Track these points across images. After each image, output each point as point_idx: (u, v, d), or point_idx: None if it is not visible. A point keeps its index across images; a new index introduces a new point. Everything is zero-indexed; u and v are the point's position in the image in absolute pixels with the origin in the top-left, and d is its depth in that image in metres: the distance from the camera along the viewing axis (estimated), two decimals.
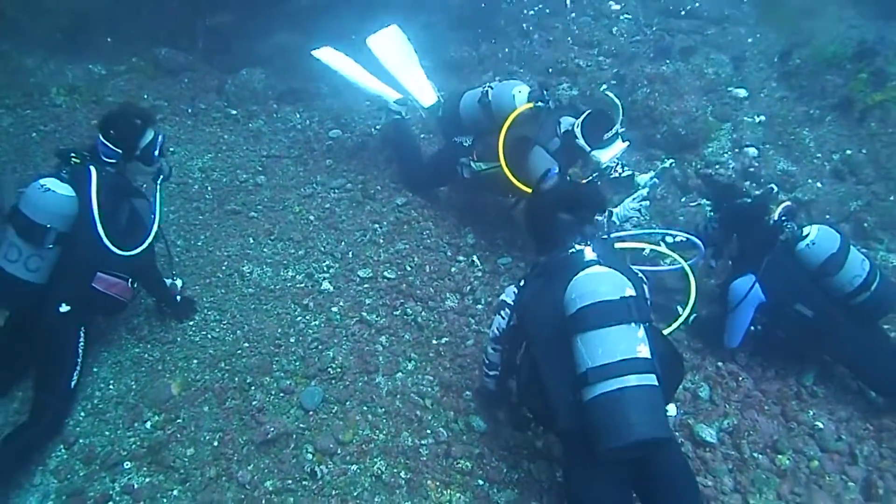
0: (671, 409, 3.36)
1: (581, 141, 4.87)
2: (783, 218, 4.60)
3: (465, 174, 5.56)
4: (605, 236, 4.00)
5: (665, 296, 4.97)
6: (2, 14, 7.05)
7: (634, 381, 2.95)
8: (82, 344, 4.18)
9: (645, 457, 3.14)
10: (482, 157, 5.42)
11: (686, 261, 4.21)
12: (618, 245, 4.07)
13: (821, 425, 4.40)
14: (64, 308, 4.07)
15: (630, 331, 3.07)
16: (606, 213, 4.80)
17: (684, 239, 4.99)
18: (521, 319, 3.58)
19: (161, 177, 4.60)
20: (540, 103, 5.03)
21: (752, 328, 4.67)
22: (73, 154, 4.21)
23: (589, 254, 3.41)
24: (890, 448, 4.30)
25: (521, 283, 3.70)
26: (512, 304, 3.66)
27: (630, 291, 3.16)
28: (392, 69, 6.22)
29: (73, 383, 4.12)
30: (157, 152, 4.50)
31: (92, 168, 4.11)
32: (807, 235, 4.49)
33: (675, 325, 3.89)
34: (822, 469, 4.17)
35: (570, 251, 3.45)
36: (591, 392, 2.99)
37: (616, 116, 4.92)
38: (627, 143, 4.99)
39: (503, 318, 3.69)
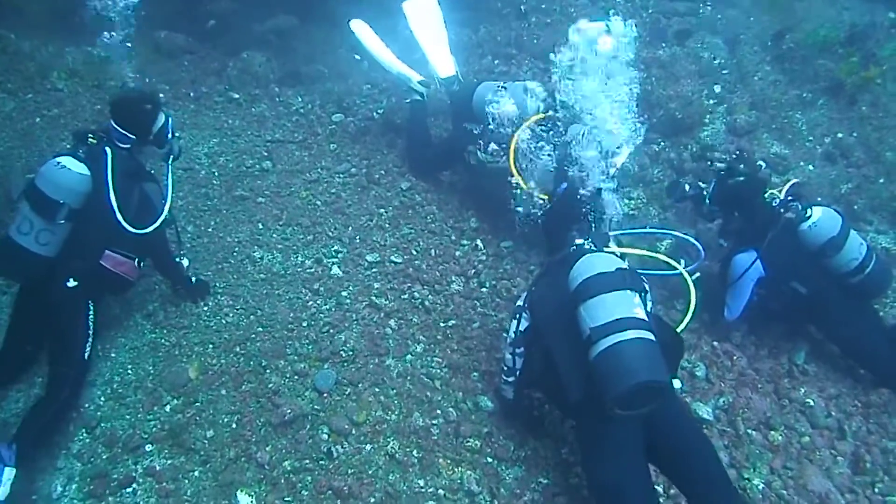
0: (675, 382, 3.56)
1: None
2: (789, 197, 4.75)
3: (471, 161, 5.68)
4: (606, 232, 4.20)
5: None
6: None
7: (632, 335, 3.25)
8: (92, 316, 4.29)
9: (653, 420, 3.41)
10: (489, 150, 5.53)
11: (686, 266, 4.33)
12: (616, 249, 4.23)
13: (811, 402, 4.59)
14: (72, 283, 4.19)
15: (626, 296, 3.40)
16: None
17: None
18: (533, 315, 3.84)
19: (172, 157, 4.72)
20: (551, 112, 5.16)
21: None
22: (90, 135, 4.31)
23: (587, 245, 3.81)
24: (877, 423, 4.51)
25: (532, 287, 3.97)
26: (523, 304, 3.90)
27: (623, 265, 3.54)
28: (419, 35, 6.36)
29: (86, 354, 4.23)
30: (169, 135, 4.64)
31: (108, 149, 4.23)
32: (809, 216, 4.64)
33: (682, 326, 4.03)
34: (812, 444, 4.37)
35: (572, 248, 3.83)
36: (595, 350, 3.30)
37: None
38: (629, 150, 5.10)
39: (517, 321, 3.90)
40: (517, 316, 3.90)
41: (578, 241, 3.84)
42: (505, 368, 4.05)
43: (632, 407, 3.26)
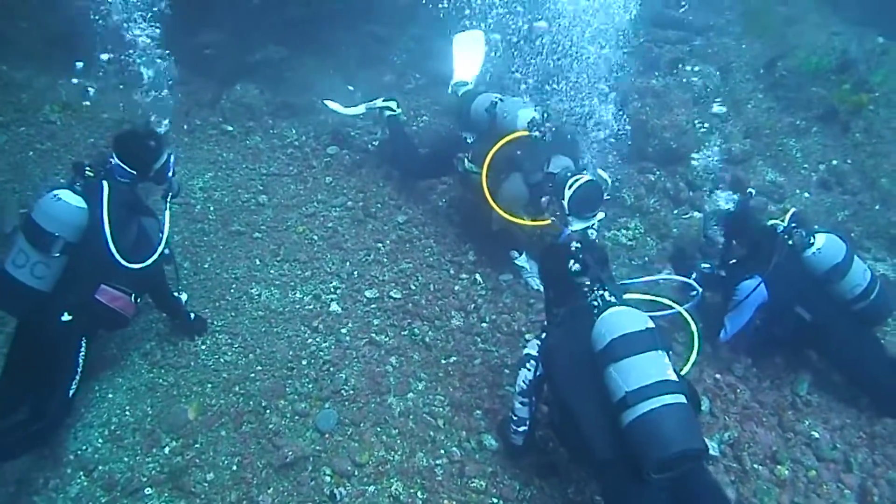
0: None
1: (565, 204, 4.97)
2: (793, 224, 4.77)
3: (458, 168, 5.75)
4: (619, 284, 4.19)
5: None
6: None
7: (669, 399, 3.22)
8: (83, 354, 4.21)
9: (683, 479, 3.33)
10: (474, 160, 5.59)
11: (683, 305, 4.33)
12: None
13: (816, 435, 4.56)
14: (66, 317, 4.11)
15: (658, 357, 3.36)
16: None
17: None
18: (546, 367, 3.76)
19: (170, 194, 4.67)
20: (536, 133, 5.17)
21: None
22: (87, 167, 4.26)
23: (607, 296, 3.67)
24: (883, 455, 4.48)
25: (543, 335, 3.91)
26: (536, 355, 3.82)
27: (651, 324, 3.46)
28: (456, 56, 6.50)
29: (71, 392, 4.14)
30: (170, 173, 4.61)
31: (105, 182, 4.18)
32: (814, 243, 4.66)
33: (687, 367, 4.00)
34: (819, 478, 4.33)
35: (590, 298, 3.70)
36: (632, 414, 3.24)
37: (604, 192, 5.11)
38: (604, 214, 5.15)
39: (529, 370, 3.83)
40: (528, 366, 3.83)
41: (595, 292, 3.71)
42: (515, 418, 3.96)
43: (667, 471, 3.22)
